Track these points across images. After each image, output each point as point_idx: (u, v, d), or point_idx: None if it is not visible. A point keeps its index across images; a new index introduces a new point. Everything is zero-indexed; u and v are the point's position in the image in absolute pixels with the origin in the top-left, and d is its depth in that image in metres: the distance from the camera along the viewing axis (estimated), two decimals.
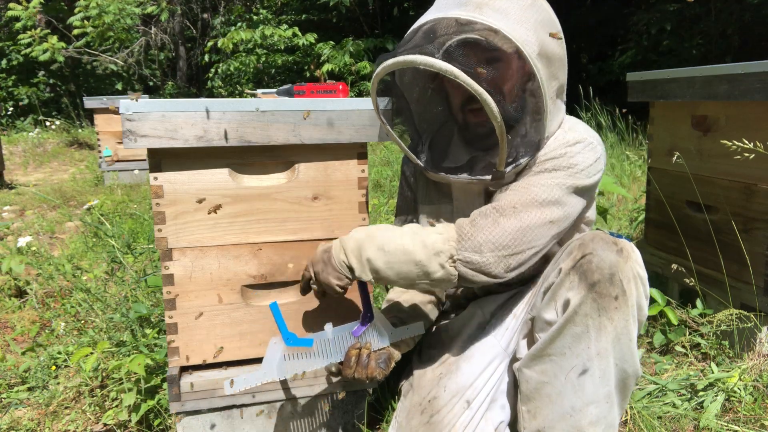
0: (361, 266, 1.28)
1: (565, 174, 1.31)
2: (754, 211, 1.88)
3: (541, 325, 1.31)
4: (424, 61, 1.17)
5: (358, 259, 1.28)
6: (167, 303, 1.42)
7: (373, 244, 1.27)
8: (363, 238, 1.29)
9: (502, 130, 1.20)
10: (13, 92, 12.31)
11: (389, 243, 1.26)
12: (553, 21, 1.29)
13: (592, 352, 1.21)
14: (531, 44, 1.21)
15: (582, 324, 1.20)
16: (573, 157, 1.32)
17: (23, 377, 2.01)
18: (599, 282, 1.18)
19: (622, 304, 1.19)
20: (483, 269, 1.25)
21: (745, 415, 1.65)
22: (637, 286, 1.21)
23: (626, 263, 1.19)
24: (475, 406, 1.38)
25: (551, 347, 1.25)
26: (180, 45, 13.50)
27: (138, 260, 2.88)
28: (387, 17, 11.20)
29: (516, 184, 1.34)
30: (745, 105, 1.89)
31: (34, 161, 8.04)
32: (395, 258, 1.25)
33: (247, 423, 1.50)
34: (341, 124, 1.41)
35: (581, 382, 1.23)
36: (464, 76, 1.13)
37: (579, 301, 1.19)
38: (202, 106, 1.32)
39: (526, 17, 1.23)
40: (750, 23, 7.39)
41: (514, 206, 1.28)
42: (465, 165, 1.41)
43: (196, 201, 1.40)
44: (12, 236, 3.78)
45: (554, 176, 1.31)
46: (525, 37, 1.21)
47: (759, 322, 1.88)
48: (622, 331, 1.21)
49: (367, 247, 1.27)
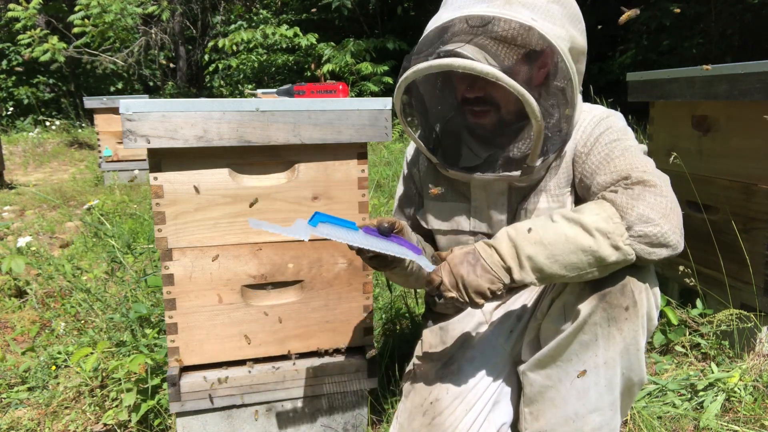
0: (520, 266, 1.14)
1: (630, 138, 1.31)
2: (754, 211, 1.88)
3: (548, 331, 1.30)
4: (463, 64, 1.12)
5: (515, 259, 1.14)
6: (167, 303, 1.42)
7: (529, 239, 1.13)
8: (515, 235, 1.15)
9: (541, 128, 1.18)
10: (13, 92, 12.31)
11: (547, 235, 1.13)
12: (578, 14, 1.28)
13: (599, 361, 1.20)
14: (563, 40, 1.19)
15: (591, 332, 1.20)
16: (616, 124, 1.33)
17: (23, 377, 2.01)
18: (610, 292, 1.17)
19: (632, 315, 1.18)
20: (663, 240, 1.11)
21: (745, 415, 1.65)
22: (648, 297, 1.20)
23: (638, 274, 1.19)
24: (478, 408, 1.37)
25: (558, 353, 1.24)
26: (180, 45, 13.50)
27: (138, 260, 2.88)
28: (387, 17, 11.20)
29: (609, 157, 1.26)
30: (745, 105, 1.89)
31: (34, 161, 8.04)
32: (559, 249, 1.12)
33: (247, 423, 1.50)
34: (341, 124, 1.41)
35: (586, 390, 1.23)
36: (506, 78, 1.10)
37: (589, 310, 1.19)
38: (202, 106, 1.32)
39: (554, 12, 1.20)
40: (750, 23, 7.39)
41: (644, 170, 1.18)
42: (483, 163, 1.37)
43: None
44: (12, 236, 3.78)
45: (623, 141, 1.29)
46: (556, 32, 1.18)
47: (759, 322, 1.88)
48: (631, 341, 1.20)
49: (524, 244, 1.13)
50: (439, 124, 1.45)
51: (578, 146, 1.33)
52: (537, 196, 1.37)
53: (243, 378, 1.46)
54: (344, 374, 1.52)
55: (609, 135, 1.31)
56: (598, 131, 1.32)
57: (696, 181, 2.10)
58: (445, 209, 1.49)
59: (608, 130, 1.32)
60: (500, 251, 1.15)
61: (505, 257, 1.14)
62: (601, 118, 1.34)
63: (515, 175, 1.30)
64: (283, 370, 1.48)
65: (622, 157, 1.25)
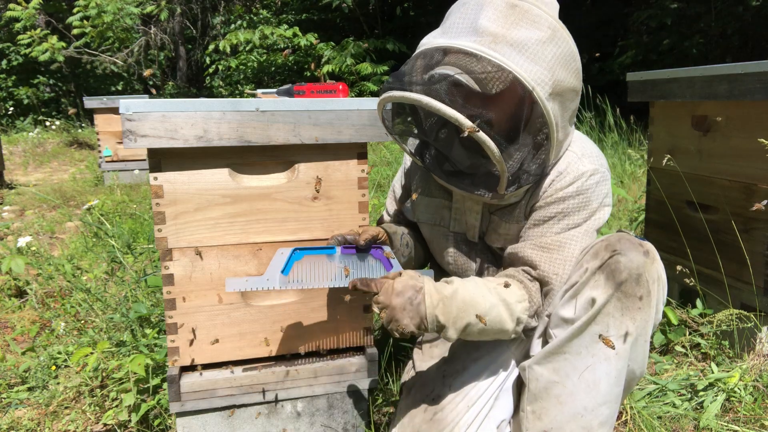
0: (454, 330, 1.23)
1: (587, 214, 1.34)
2: (754, 211, 1.88)
3: (557, 321, 1.30)
4: (429, 104, 1.13)
5: (453, 324, 1.22)
6: (167, 303, 1.42)
7: (475, 310, 1.23)
8: (464, 304, 1.23)
9: (503, 168, 1.20)
10: (13, 92, 12.32)
11: (487, 314, 1.24)
12: (573, 54, 1.23)
13: (610, 352, 1.21)
14: (545, 84, 1.17)
15: (603, 323, 1.21)
16: (593, 193, 1.34)
17: (23, 377, 2.01)
18: (626, 281, 1.18)
19: (645, 305, 1.20)
20: (528, 333, 1.39)
21: (745, 415, 1.65)
22: (659, 289, 1.22)
23: (652, 265, 1.20)
24: (480, 405, 1.37)
25: (568, 345, 1.25)
26: (180, 45, 13.50)
27: (138, 260, 2.88)
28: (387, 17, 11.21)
29: (546, 229, 1.35)
30: (745, 105, 1.89)
31: (34, 161, 8.05)
32: (490, 330, 1.27)
33: (247, 423, 1.50)
34: (341, 124, 1.41)
35: (596, 382, 1.23)
36: (468, 123, 1.11)
37: (605, 299, 1.20)
38: (203, 106, 1.32)
39: (543, 53, 1.17)
40: (750, 23, 7.39)
41: (554, 273, 1.33)
42: (466, 170, 1.38)
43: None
44: (12, 236, 3.78)
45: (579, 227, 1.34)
46: (539, 77, 1.16)
47: (759, 322, 1.88)
48: (641, 332, 1.22)
49: (469, 316, 1.23)
50: (432, 130, 1.46)
51: (546, 186, 1.35)
52: (512, 209, 1.41)
53: (243, 378, 1.46)
54: (344, 374, 1.52)
55: (568, 203, 1.33)
56: (566, 192, 1.33)
57: (696, 181, 2.10)
58: (431, 204, 1.56)
59: (575, 197, 1.33)
60: (446, 312, 1.21)
61: (447, 318, 1.21)
62: (581, 176, 1.33)
63: (485, 197, 1.32)
64: (283, 370, 1.48)
65: (556, 251, 1.34)
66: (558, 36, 1.20)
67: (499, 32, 1.16)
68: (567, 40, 1.22)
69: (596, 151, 1.38)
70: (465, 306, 1.22)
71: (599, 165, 1.35)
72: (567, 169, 1.33)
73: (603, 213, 1.36)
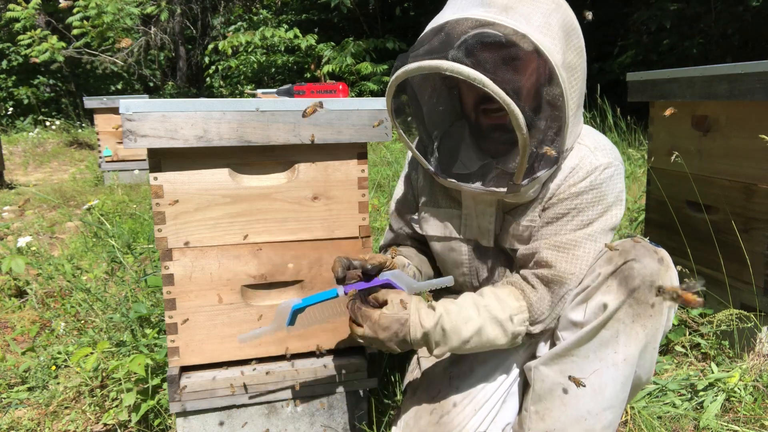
0: (441, 353, 1.27)
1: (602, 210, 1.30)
2: (754, 211, 1.88)
3: (565, 324, 1.29)
4: (450, 67, 1.10)
5: (440, 349, 1.26)
6: (167, 303, 1.42)
7: (459, 338, 1.25)
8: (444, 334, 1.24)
9: (525, 142, 1.14)
10: (13, 92, 12.32)
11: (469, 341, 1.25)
12: (576, 29, 1.23)
13: (618, 358, 1.21)
14: (556, 53, 1.15)
15: (613, 329, 1.20)
16: (607, 187, 1.30)
17: (23, 377, 2.01)
18: (639, 288, 1.17)
19: (657, 313, 1.19)
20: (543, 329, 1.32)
21: (745, 415, 1.65)
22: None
23: (666, 272, 1.19)
24: (487, 408, 1.37)
25: (577, 349, 1.24)
26: (180, 45, 13.50)
27: (138, 260, 2.88)
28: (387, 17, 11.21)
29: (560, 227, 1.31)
30: (745, 105, 1.89)
31: (34, 161, 8.05)
32: (479, 349, 1.29)
33: (247, 423, 1.50)
34: (341, 124, 1.41)
35: (602, 387, 1.22)
36: (492, 85, 1.08)
37: (617, 305, 1.19)
38: (202, 106, 1.32)
39: (549, 24, 1.16)
40: (750, 23, 7.39)
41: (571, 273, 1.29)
42: (476, 172, 1.37)
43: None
44: (12, 236, 3.78)
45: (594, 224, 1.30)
46: (550, 44, 1.14)
47: (759, 322, 1.88)
48: (651, 339, 1.21)
49: (451, 343, 1.25)
50: (437, 129, 1.44)
51: (560, 182, 1.32)
52: (526, 208, 1.36)
53: (243, 378, 1.46)
54: (344, 374, 1.52)
55: (582, 199, 1.30)
56: (580, 187, 1.29)
57: (696, 181, 2.10)
58: (439, 215, 1.49)
59: (589, 192, 1.29)
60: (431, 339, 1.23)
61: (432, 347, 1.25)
62: (595, 170, 1.30)
63: (501, 192, 1.29)
64: (283, 371, 1.48)
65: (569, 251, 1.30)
66: (562, 9, 1.21)
67: (509, 4, 1.16)
68: (569, 14, 1.23)
69: (609, 144, 1.35)
70: (449, 334, 1.24)
71: (613, 158, 1.32)
72: (580, 164, 1.30)
73: (618, 209, 1.32)
